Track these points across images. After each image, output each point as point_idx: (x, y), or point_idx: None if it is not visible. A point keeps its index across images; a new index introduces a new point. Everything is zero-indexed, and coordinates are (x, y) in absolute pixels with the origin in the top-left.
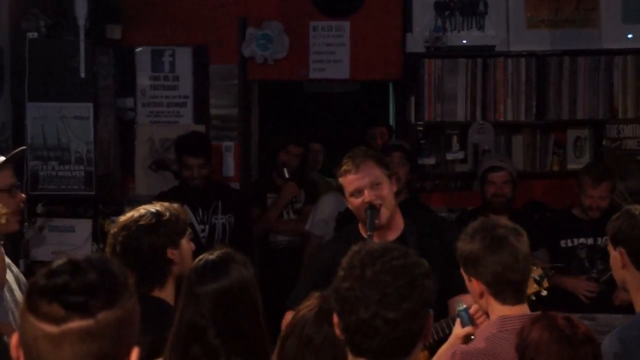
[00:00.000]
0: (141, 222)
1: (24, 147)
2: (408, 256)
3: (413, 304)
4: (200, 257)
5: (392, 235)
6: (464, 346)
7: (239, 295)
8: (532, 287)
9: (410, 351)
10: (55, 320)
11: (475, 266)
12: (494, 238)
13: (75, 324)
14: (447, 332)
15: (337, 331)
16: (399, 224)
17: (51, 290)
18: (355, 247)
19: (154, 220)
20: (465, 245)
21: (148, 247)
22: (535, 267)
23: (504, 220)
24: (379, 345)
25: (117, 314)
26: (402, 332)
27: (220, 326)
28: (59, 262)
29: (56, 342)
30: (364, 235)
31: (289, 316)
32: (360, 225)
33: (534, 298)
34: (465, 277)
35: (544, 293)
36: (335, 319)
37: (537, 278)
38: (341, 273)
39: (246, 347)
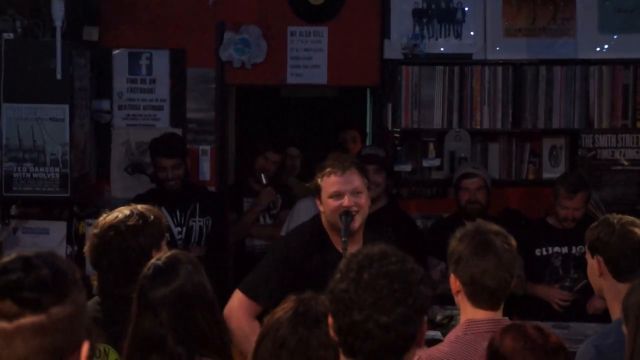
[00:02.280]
0: (129, 223)
1: None
2: (405, 262)
3: (407, 308)
4: (149, 263)
5: (352, 249)
6: (427, 351)
7: (192, 297)
8: None
9: (402, 356)
10: (8, 317)
11: (457, 264)
12: (481, 242)
13: (28, 319)
14: None
15: (331, 332)
16: (360, 239)
17: (4, 287)
18: (354, 251)
19: (141, 222)
20: (454, 242)
21: (137, 247)
22: None
23: (496, 226)
24: (370, 348)
25: (68, 309)
26: (394, 337)
27: (179, 332)
28: (8, 259)
29: (9, 338)
30: (332, 240)
31: (236, 295)
32: (327, 229)
33: None
34: (450, 272)
35: None
36: (330, 320)
37: None
38: (338, 275)
39: (207, 348)
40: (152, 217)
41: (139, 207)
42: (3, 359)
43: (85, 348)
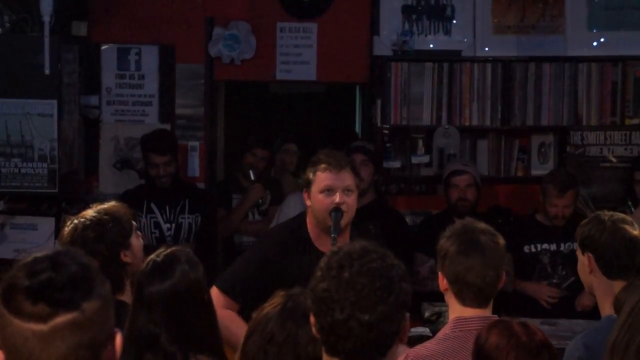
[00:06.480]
0: (89, 236)
1: None
2: (386, 258)
3: (389, 306)
4: (148, 259)
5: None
6: (415, 349)
7: (186, 297)
8: None
9: (385, 353)
10: (42, 318)
11: (443, 262)
12: (467, 240)
13: (62, 318)
14: None
15: (314, 331)
16: (346, 237)
17: (37, 289)
18: (334, 248)
19: (98, 231)
20: (442, 240)
21: (101, 257)
22: None
23: (484, 224)
24: (353, 346)
25: (98, 302)
26: (376, 335)
27: (173, 331)
28: (31, 259)
29: (47, 339)
30: (313, 241)
31: (214, 292)
32: (309, 228)
33: None
34: (438, 270)
35: None
36: (312, 319)
37: None
38: (319, 273)
39: (201, 348)
40: (110, 224)
41: (99, 210)
42: None
43: (118, 337)
